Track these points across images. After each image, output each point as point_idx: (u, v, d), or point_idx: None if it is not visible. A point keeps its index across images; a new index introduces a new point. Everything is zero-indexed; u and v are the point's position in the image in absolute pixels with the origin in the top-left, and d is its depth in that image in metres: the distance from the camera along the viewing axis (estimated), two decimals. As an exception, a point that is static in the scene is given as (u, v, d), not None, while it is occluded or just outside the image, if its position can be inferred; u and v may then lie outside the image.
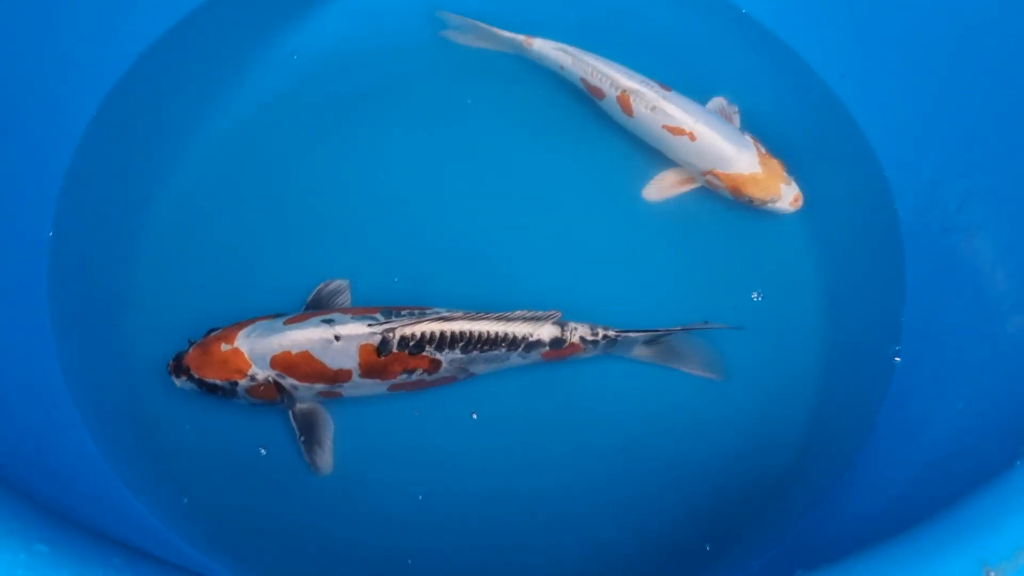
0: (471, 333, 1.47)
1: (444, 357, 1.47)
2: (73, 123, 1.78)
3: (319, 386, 1.48)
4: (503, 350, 1.50)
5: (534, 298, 1.67)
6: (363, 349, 1.44)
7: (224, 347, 1.47)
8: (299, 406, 1.53)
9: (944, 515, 0.99)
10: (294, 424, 1.53)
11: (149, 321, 1.68)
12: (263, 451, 1.58)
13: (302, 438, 1.53)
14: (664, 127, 1.74)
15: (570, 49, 1.83)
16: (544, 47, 1.86)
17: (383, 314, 1.48)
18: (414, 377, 1.49)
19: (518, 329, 1.50)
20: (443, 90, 1.91)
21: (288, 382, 1.47)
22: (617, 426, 1.64)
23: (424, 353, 1.46)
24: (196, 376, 1.49)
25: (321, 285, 1.64)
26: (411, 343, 1.44)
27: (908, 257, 1.76)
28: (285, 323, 1.48)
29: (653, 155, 1.81)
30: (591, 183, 1.84)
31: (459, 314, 1.48)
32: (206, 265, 1.72)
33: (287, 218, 1.77)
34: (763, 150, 1.73)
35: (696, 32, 1.98)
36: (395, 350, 1.44)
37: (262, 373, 1.46)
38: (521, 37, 1.87)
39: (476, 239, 1.77)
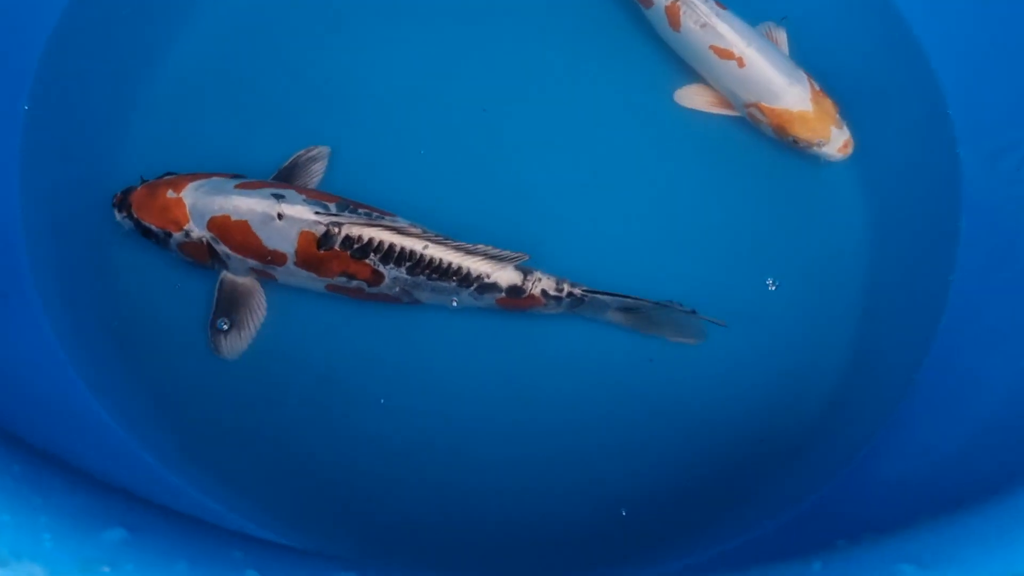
0: (422, 255, 1.35)
1: (388, 272, 1.37)
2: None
3: (251, 261, 1.40)
4: (453, 283, 1.38)
5: (542, 219, 1.59)
6: (303, 236, 1.35)
7: (170, 194, 1.40)
8: (228, 276, 1.45)
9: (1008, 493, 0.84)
10: (215, 294, 1.45)
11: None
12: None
13: (217, 312, 1.45)
14: (711, 47, 1.57)
15: None
16: None
17: (338, 206, 1.38)
18: (352, 284, 1.39)
19: (475, 265, 1.37)
20: None
21: (221, 248, 1.40)
22: (630, 367, 1.54)
23: (367, 261, 1.35)
24: (135, 216, 1.42)
25: (301, 152, 1.55)
26: (355, 245, 1.34)
27: (965, 209, 1.61)
28: (236, 186, 1.39)
29: (694, 79, 1.66)
30: (620, 101, 1.69)
31: (417, 230, 1.37)
32: (194, 153, 1.59)
33: (282, 110, 1.64)
34: (816, 87, 1.57)
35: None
36: (336, 247, 1.34)
37: (197, 232, 1.39)
38: None
39: (484, 147, 1.64)
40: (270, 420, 1.50)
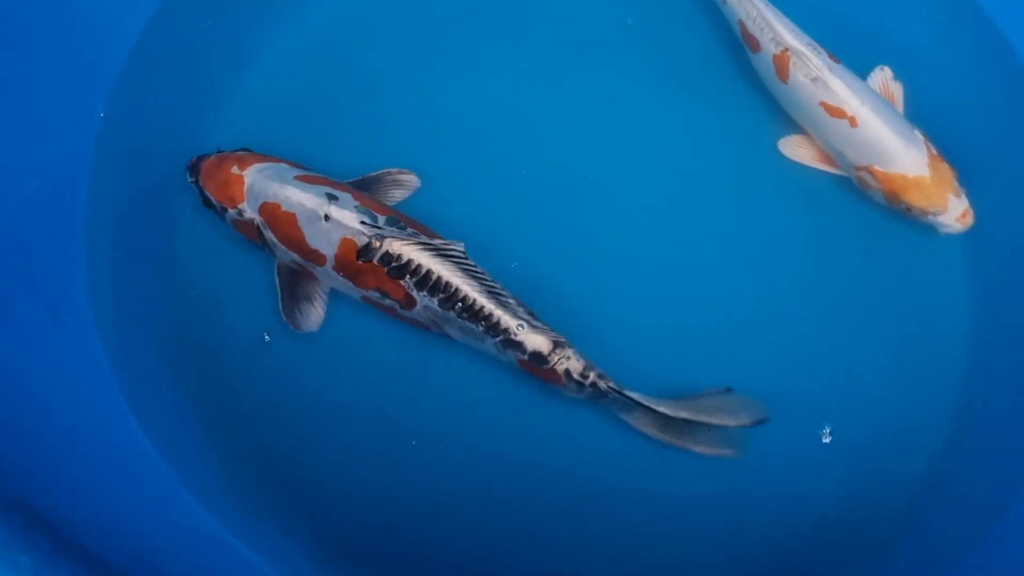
0: (456, 290, 1.29)
1: (420, 298, 1.32)
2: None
3: (293, 255, 1.39)
4: (480, 328, 1.31)
5: (629, 252, 1.54)
6: (344, 242, 1.32)
7: (234, 170, 1.40)
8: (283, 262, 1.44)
9: None
10: (276, 277, 1.44)
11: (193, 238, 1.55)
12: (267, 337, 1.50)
13: (284, 295, 1.44)
14: (821, 104, 1.47)
15: None
16: None
17: (388, 220, 1.34)
18: (386, 302, 1.36)
19: (507, 318, 1.31)
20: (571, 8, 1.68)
21: (268, 235, 1.39)
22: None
23: (402, 282, 1.31)
24: (200, 183, 1.44)
25: (392, 170, 1.52)
26: (392, 263, 1.30)
27: None
28: (296, 177, 1.38)
29: (797, 132, 1.57)
30: (718, 145, 1.61)
31: (460, 248, 1.31)
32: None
33: (364, 128, 1.60)
34: (934, 151, 1.46)
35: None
36: (375, 261, 1.30)
37: (249, 213, 1.39)
38: None
39: (572, 176, 1.58)
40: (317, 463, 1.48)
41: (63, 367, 1.43)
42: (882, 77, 1.56)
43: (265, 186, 1.37)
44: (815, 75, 1.47)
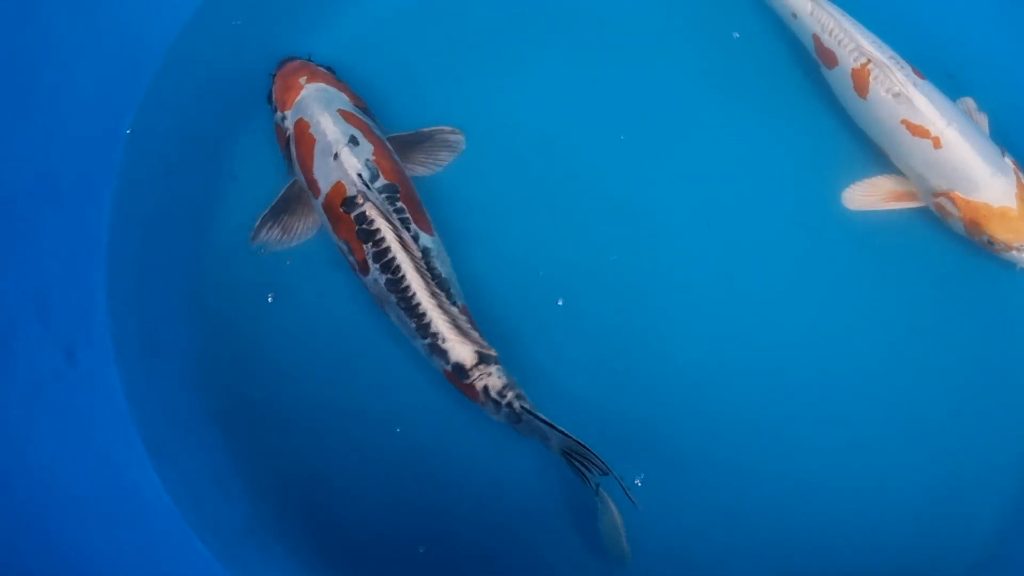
0: (403, 276, 1.25)
1: (373, 269, 1.28)
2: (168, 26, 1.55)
3: (301, 176, 1.39)
4: (412, 324, 1.25)
5: (674, 276, 1.44)
6: (338, 186, 1.32)
7: (301, 80, 1.42)
8: (299, 185, 1.41)
9: None
10: (282, 191, 1.42)
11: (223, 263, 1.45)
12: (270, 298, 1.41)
13: (275, 208, 1.42)
14: (903, 122, 1.36)
15: None
16: None
17: (386, 187, 1.32)
18: (349, 259, 1.33)
19: (440, 323, 1.23)
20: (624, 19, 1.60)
21: (293, 149, 1.40)
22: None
23: (364, 246, 1.28)
24: (273, 77, 1.47)
25: (443, 127, 1.48)
26: (363, 224, 1.28)
27: None
28: (340, 110, 1.39)
29: (872, 154, 1.45)
30: (783, 167, 1.50)
31: (416, 252, 1.27)
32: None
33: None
34: (1024, 179, 1.35)
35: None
36: (352, 216, 1.29)
37: (288, 122, 1.41)
38: None
39: (626, 188, 1.49)
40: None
41: (77, 411, 1.31)
42: (963, 107, 1.44)
43: (310, 104, 1.38)
44: (898, 90, 1.36)
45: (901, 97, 1.36)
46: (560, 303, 1.40)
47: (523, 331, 1.39)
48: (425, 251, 1.28)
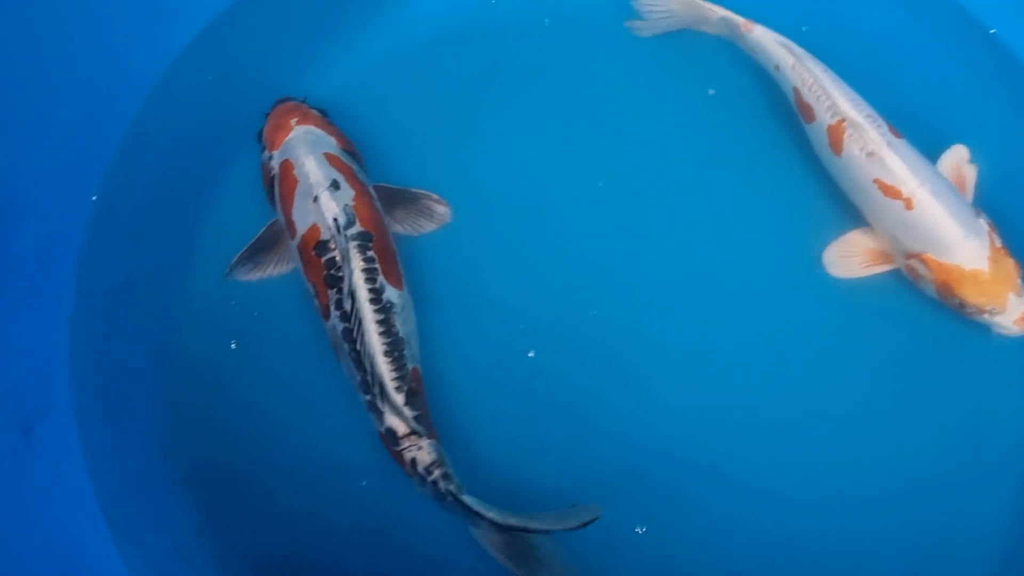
0: (359, 328, 1.24)
1: (333, 316, 1.29)
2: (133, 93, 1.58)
3: (281, 217, 1.41)
4: (358, 377, 1.25)
5: (653, 333, 1.42)
6: (312, 228, 1.33)
7: (292, 122, 1.44)
8: (281, 223, 1.42)
9: None
10: (262, 230, 1.43)
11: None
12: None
13: (255, 245, 1.43)
14: (876, 181, 1.35)
15: (797, 49, 1.46)
16: (765, 37, 1.49)
17: (360, 235, 1.30)
18: (314, 302, 1.34)
19: (387, 380, 1.23)
20: (612, 78, 1.61)
21: (276, 189, 1.41)
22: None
23: (329, 292, 1.29)
24: (267, 115, 1.49)
25: (431, 193, 1.48)
26: (331, 269, 1.29)
27: None
28: (326, 153, 1.40)
29: (850, 210, 1.44)
30: (762, 224, 1.49)
31: (384, 308, 1.26)
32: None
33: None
34: (998, 242, 1.32)
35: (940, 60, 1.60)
36: (322, 260, 1.30)
37: (275, 161, 1.43)
38: (740, 19, 1.51)
39: (605, 244, 1.48)
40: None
41: (34, 488, 1.28)
42: (955, 157, 1.43)
43: (297, 146, 1.40)
44: (871, 149, 1.35)
45: (874, 156, 1.35)
46: (531, 355, 1.40)
47: (496, 385, 1.38)
48: (388, 305, 1.27)
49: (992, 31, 1.61)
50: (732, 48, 1.56)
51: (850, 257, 1.41)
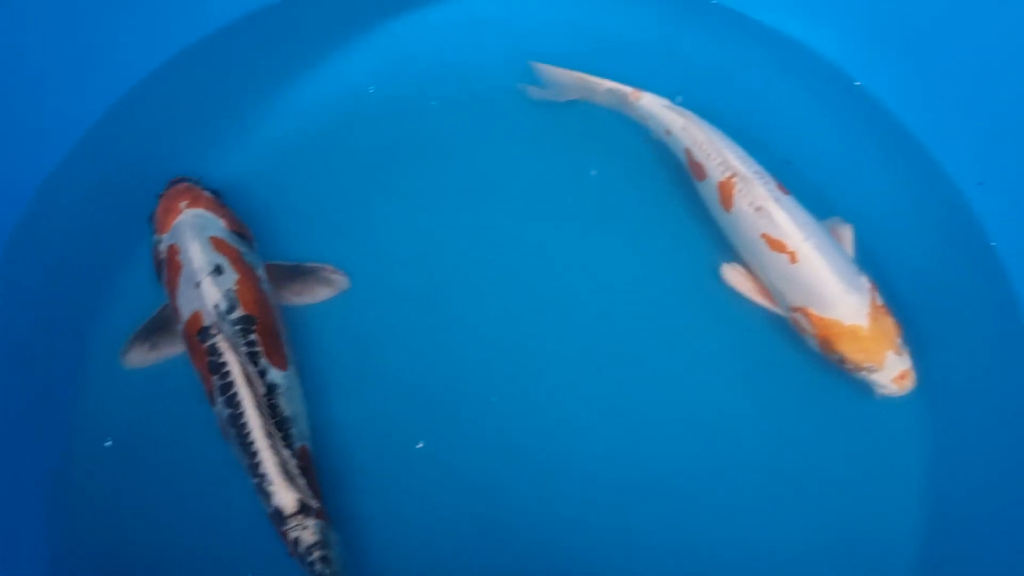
0: (242, 412, 1.21)
1: (218, 402, 1.26)
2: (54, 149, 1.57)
3: (168, 301, 1.38)
4: (246, 462, 1.22)
5: (547, 419, 1.39)
6: (195, 315, 1.31)
7: (182, 205, 1.42)
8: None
9: None
10: (156, 311, 1.41)
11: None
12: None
13: (149, 326, 1.41)
14: (763, 236, 1.35)
15: (684, 112, 1.48)
16: (653, 104, 1.52)
17: (243, 319, 1.30)
18: (204, 385, 1.30)
19: (271, 465, 1.19)
20: (504, 147, 1.62)
21: (164, 275, 1.39)
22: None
23: (213, 378, 1.26)
24: (160, 197, 1.46)
25: (327, 266, 1.47)
26: (213, 356, 1.26)
27: None
28: (212, 237, 1.38)
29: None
30: (658, 292, 1.48)
31: (268, 390, 1.25)
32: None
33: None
34: (879, 301, 1.31)
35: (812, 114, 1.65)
36: (205, 347, 1.27)
37: (163, 245, 1.40)
38: (628, 89, 1.54)
39: (500, 327, 1.45)
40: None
41: None
42: (830, 222, 1.43)
43: (184, 230, 1.38)
44: (759, 204, 1.36)
45: (762, 211, 1.35)
46: (420, 445, 1.35)
47: (391, 468, 1.34)
48: (272, 387, 1.26)
49: (857, 83, 1.66)
50: (622, 118, 1.58)
51: (746, 279, 1.41)
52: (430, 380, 1.40)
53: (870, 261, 1.39)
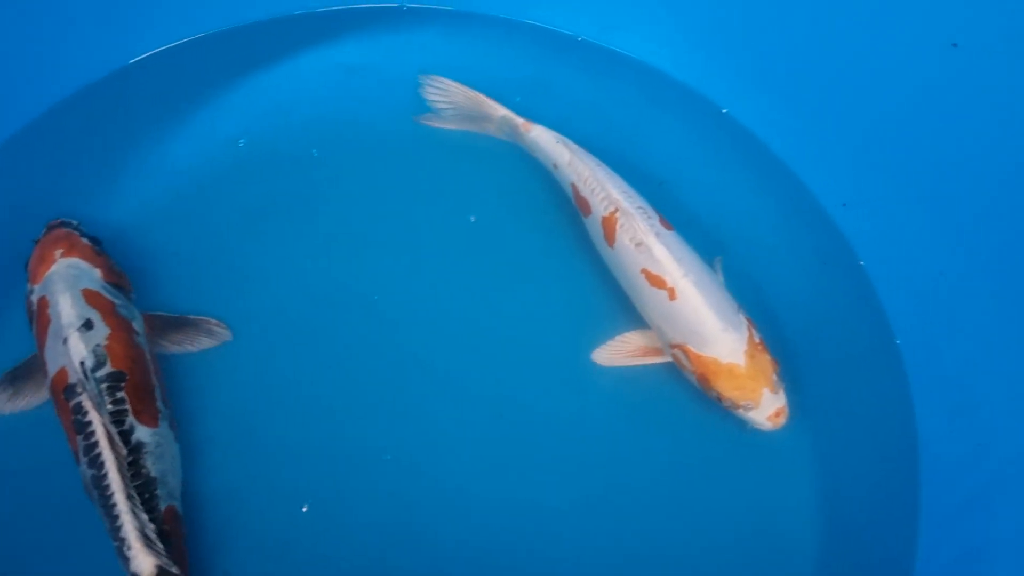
0: (105, 475, 1.17)
1: (82, 462, 1.21)
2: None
3: (39, 357, 1.32)
4: (107, 525, 1.17)
5: (435, 438, 1.36)
6: (61, 372, 1.26)
7: (56, 253, 1.36)
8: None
9: None
10: (23, 360, 1.36)
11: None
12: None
13: (13, 372, 1.35)
14: (643, 271, 1.33)
15: (573, 146, 1.47)
16: (542, 137, 1.50)
17: (111, 375, 1.24)
18: (72, 444, 1.25)
19: (128, 526, 1.14)
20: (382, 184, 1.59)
21: (34, 327, 1.34)
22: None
23: (77, 437, 1.21)
24: (36, 243, 1.40)
25: (210, 319, 1.42)
26: (78, 415, 1.21)
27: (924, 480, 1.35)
28: (84, 290, 1.32)
29: (627, 305, 1.41)
30: (541, 325, 1.45)
31: (133, 450, 1.20)
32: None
33: None
34: (757, 339, 1.30)
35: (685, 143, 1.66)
36: (70, 404, 1.22)
37: (35, 296, 1.34)
38: (520, 120, 1.52)
39: (390, 380, 1.41)
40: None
41: None
42: (715, 264, 1.42)
43: (56, 281, 1.32)
44: (640, 239, 1.34)
45: (642, 247, 1.33)
46: (305, 509, 1.30)
47: (271, 530, 1.28)
48: (137, 447, 1.21)
49: (724, 111, 1.67)
50: (515, 151, 1.57)
51: (619, 353, 1.38)
52: (316, 436, 1.35)
53: (747, 284, 1.40)
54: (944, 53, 1.39)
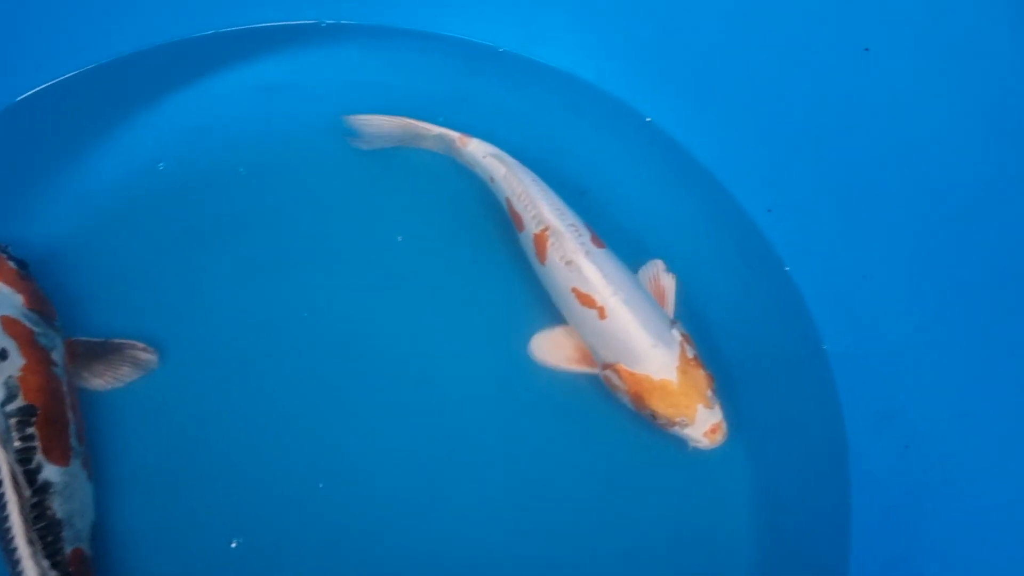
0: (8, 515, 1.13)
1: None
2: None
3: None
4: (9, 570, 1.13)
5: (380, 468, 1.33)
6: None
7: (9, 264, 1.33)
8: None
9: None
10: None
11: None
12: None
13: None
14: (573, 290, 1.33)
15: (509, 160, 1.46)
16: (479, 151, 1.49)
17: (20, 411, 1.19)
18: None
19: (28, 571, 1.11)
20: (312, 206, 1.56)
21: None
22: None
23: None
24: None
25: (137, 343, 1.37)
26: None
27: (855, 485, 1.37)
28: (2, 317, 1.26)
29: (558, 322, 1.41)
30: (474, 345, 1.44)
31: (39, 490, 1.15)
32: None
33: None
34: (690, 354, 1.30)
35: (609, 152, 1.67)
36: None
37: None
38: (455, 134, 1.51)
39: (318, 390, 1.39)
40: None
41: None
42: (654, 269, 1.43)
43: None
44: (570, 258, 1.33)
45: (572, 265, 1.33)
46: (234, 545, 1.26)
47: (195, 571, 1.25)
48: (44, 487, 1.16)
49: (648, 119, 1.68)
50: (450, 164, 1.55)
51: (556, 351, 1.38)
52: (244, 466, 1.31)
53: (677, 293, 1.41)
54: (857, 58, 1.41)
